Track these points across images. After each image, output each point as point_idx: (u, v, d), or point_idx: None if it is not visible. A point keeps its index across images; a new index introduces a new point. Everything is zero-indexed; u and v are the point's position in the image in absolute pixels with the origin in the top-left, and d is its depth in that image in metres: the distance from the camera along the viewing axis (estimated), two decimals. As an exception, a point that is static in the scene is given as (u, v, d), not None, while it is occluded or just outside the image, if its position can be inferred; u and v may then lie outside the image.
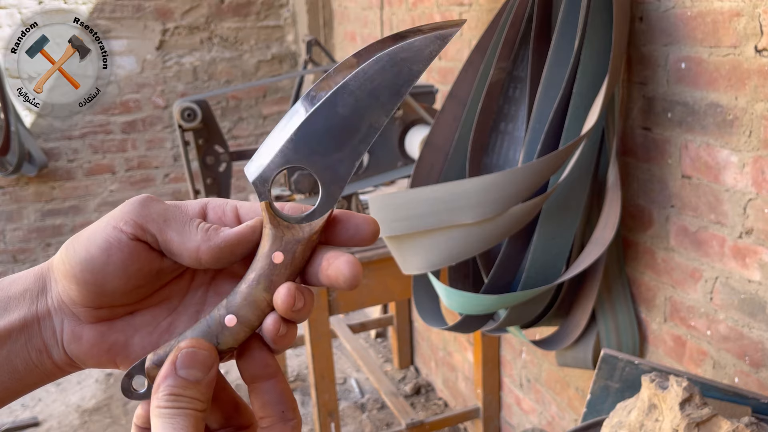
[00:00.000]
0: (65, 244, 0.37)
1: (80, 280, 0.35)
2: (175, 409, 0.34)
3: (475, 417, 2.03)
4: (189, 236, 0.36)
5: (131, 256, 0.35)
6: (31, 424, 2.39)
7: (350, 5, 2.74)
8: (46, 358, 0.37)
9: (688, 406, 0.80)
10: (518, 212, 1.09)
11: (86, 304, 0.36)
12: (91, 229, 0.36)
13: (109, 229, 0.35)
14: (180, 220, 0.36)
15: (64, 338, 0.36)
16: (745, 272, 1.07)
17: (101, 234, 0.35)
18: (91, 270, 0.35)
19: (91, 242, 0.35)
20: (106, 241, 0.35)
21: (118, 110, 3.08)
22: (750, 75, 0.99)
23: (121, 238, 0.35)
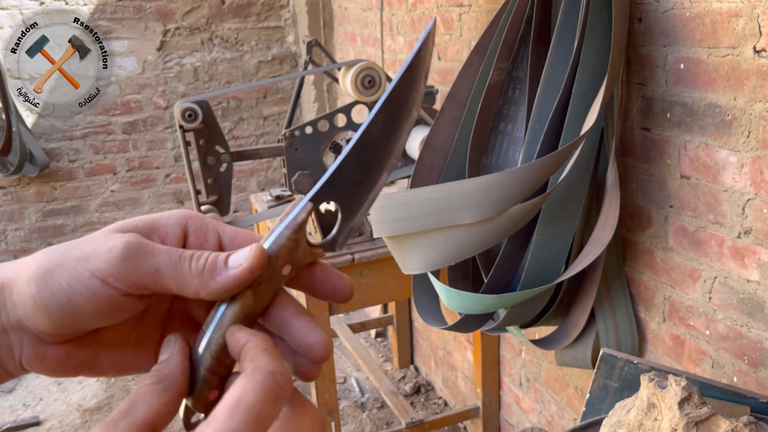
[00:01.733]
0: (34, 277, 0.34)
1: (56, 322, 0.33)
2: None
3: (474, 416, 2.03)
4: (186, 282, 0.34)
5: (119, 308, 0.34)
6: (32, 424, 2.40)
7: (350, 6, 2.74)
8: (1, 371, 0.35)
9: (686, 405, 0.80)
10: (518, 212, 1.10)
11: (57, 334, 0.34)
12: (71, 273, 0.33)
13: (96, 282, 0.33)
14: (171, 265, 0.34)
15: (23, 356, 0.35)
16: (744, 272, 1.07)
17: (86, 285, 0.33)
18: (72, 316, 0.33)
19: (75, 291, 0.33)
20: (94, 295, 0.33)
21: (119, 111, 3.08)
22: (749, 75, 1.00)
23: (112, 294, 0.34)
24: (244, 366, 0.33)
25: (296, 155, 1.60)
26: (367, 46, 2.62)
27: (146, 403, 0.33)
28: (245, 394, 0.31)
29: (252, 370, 0.32)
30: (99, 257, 0.33)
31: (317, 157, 1.61)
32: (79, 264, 0.33)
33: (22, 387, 2.66)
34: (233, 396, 0.31)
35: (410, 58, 0.39)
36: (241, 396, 0.31)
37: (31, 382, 2.70)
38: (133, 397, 0.33)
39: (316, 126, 1.60)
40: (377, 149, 0.39)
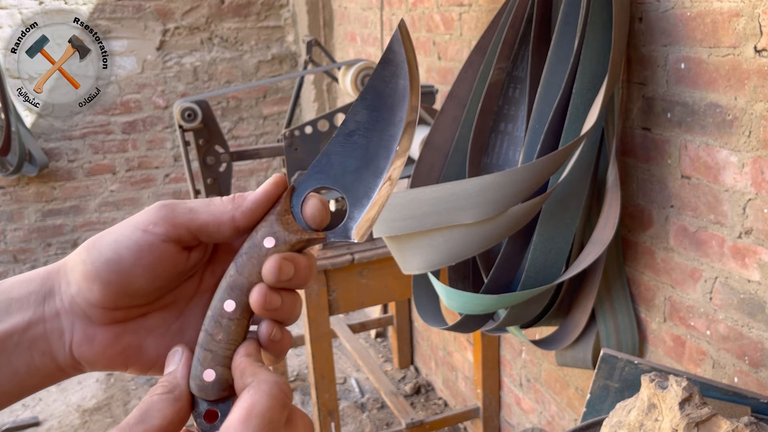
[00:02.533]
0: (84, 247, 0.37)
1: (105, 281, 0.36)
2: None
3: (474, 417, 2.03)
4: (219, 211, 0.37)
5: (161, 257, 0.37)
6: (31, 424, 2.40)
7: (350, 6, 2.74)
8: (49, 360, 0.37)
9: (687, 405, 0.80)
10: (518, 212, 1.09)
11: (105, 304, 0.37)
12: (116, 232, 0.37)
13: (138, 232, 0.36)
14: (204, 204, 0.38)
15: (74, 340, 0.37)
16: (745, 272, 1.07)
17: (130, 237, 0.36)
18: (118, 271, 0.36)
19: (119, 244, 0.36)
20: (137, 244, 0.36)
21: (119, 110, 3.08)
22: (749, 75, 1.00)
23: (152, 240, 0.36)
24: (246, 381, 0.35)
25: (296, 155, 1.59)
26: (367, 46, 2.62)
27: (159, 411, 0.34)
28: (256, 403, 0.33)
29: (258, 381, 0.34)
30: (140, 214, 0.37)
31: (317, 156, 1.61)
32: (123, 225, 0.37)
33: (22, 387, 2.66)
34: (245, 406, 0.33)
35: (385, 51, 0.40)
36: (252, 405, 0.32)
37: (31, 382, 2.70)
38: (145, 405, 0.34)
39: (316, 126, 1.60)
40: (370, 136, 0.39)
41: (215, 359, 0.36)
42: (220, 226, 0.37)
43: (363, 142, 0.39)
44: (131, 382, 2.66)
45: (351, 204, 0.39)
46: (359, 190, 0.39)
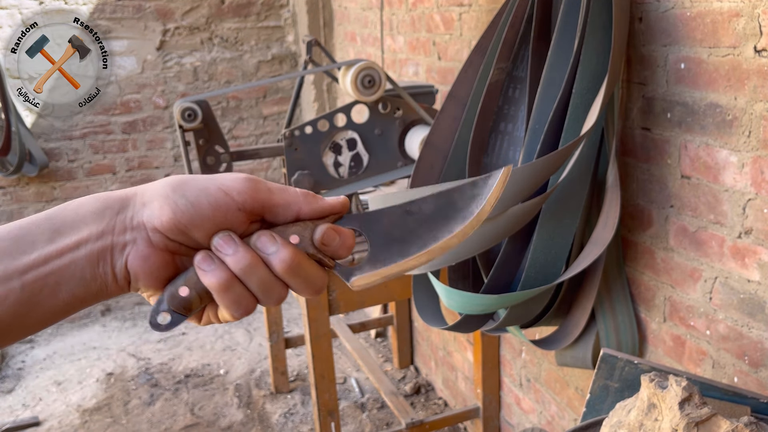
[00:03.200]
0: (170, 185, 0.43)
1: (178, 219, 0.42)
2: None
3: (474, 416, 2.03)
4: (292, 200, 0.44)
5: (229, 219, 0.43)
6: (31, 424, 2.40)
7: (350, 6, 2.74)
8: (109, 269, 0.42)
9: (687, 405, 0.80)
10: (518, 212, 1.10)
11: (168, 232, 0.42)
12: (202, 185, 0.43)
13: (221, 194, 0.42)
14: (281, 189, 0.45)
15: (131, 254, 0.42)
16: (745, 272, 1.07)
17: (214, 194, 0.42)
18: (193, 215, 0.42)
19: (203, 196, 0.42)
20: (217, 202, 0.42)
21: (119, 110, 3.08)
22: (749, 75, 1.00)
23: (230, 204, 0.43)
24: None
25: (296, 155, 1.59)
26: (367, 46, 2.62)
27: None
28: None
29: None
30: (227, 178, 0.43)
31: (317, 156, 1.61)
32: (209, 181, 0.43)
33: (22, 387, 2.66)
34: None
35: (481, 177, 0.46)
36: None
37: (31, 382, 2.69)
38: None
39: (316, 126, 1.60)
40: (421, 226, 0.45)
41: (196, 285, 0.43)
42: (287, 211, 0.44)
43: (412, 226, 0.45)
44: (131, 382, 2.67)
45: (368, 258, 0.45)
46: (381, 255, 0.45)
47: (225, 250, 0.43)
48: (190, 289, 0.43)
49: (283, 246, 0.43)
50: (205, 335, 3.02)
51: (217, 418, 2.41)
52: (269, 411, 2.44)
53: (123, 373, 2.73)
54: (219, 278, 0.43)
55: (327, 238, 0.44)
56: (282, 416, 2.40)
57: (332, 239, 0.44)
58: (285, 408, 2.45)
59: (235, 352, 2.87)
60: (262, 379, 2.64)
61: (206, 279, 0.43)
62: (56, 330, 3.14)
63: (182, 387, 2.61)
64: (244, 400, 2.51)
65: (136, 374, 2.72)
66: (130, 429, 2.37)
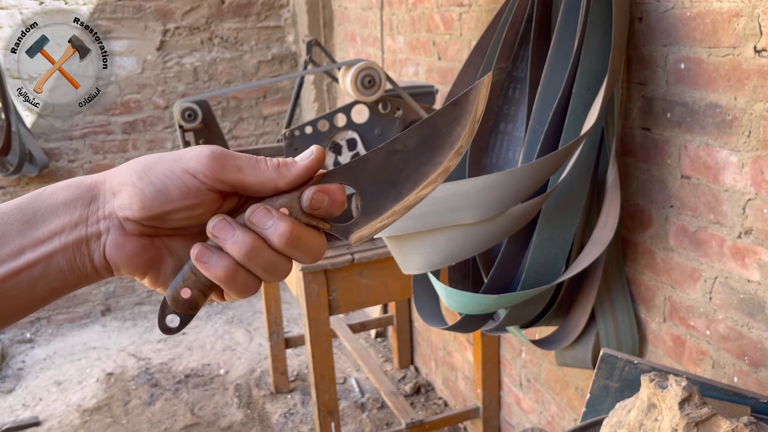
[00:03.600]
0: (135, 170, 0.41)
1: (147, 206, 0.40)
2: None
3: (474, 416, 2.03)
4: (265, 177, 0.42)
5: (202, 201, 0.41)
6: (31, 424, 2.40)
7: (350, 6, 2.74)
8: (87, 260, 0.42)
9: (687, 405, 0.80)
10: (518, 212, 1.10)
11: (140, 221, 0.41)
12: (167, 167, 0.41)
13: (188, 176, 0.40)
14: (251, 166, 0.42)
15: (107, 243, 0.42)
16: (745, 272, 1.07)
17: (180, 177, 0.40)
18: (162, 202, 0.40)
19: (170, 180, 0.40)
20: (185, 185, 0.40)
21: (119, 110, 3.08)
22: (749, 75, 1.00)
23: (199, 186, 0.41)
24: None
25: (296, 155, 1.59)
26: (367, 46, 2.62)
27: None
28: None
29: None
30: (191, 158, 0.41)
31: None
32: (174, 162, 0.41)
33: (22, 387, 2.66)
34: None
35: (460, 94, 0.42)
36: None
37: (31, 382, 2.70)
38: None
39: (316, 126, 1.60)
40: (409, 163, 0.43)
41: (198, 284, 0.42)
42: (262, 189, 0.42)
43: (400, 165, 0.43)
44: (131, 382, 2.67)
45: (362, 211, 0.43)
46: (375, 203, 0.43)
47: (223, 235, 0.41)
48: (191, 289, 0.43)
49: (279, 219, 0.41)
50: (205, 335, 3.02)
51: (217, 418, 2.41)
52: (269, 411, 2.44)
53: (123, 373, 2.73)
54: (224, 268, 0.41)
55: (316, 202, 0.42)
56: (282, 416, 2.40)
57: (321, 201, 0.42)
58: (285, 408, 2.45)
59: (235, 352, 2.87)
60: (262, 379, 2.64)
61: (210, 272, 0.41)
62: (56, 330, 3.14)
63: (182, 387, 2.62)
64: (244, 400, 2.51)
65: (136, 374, 2.72)
66: (130, 429, 2.37)
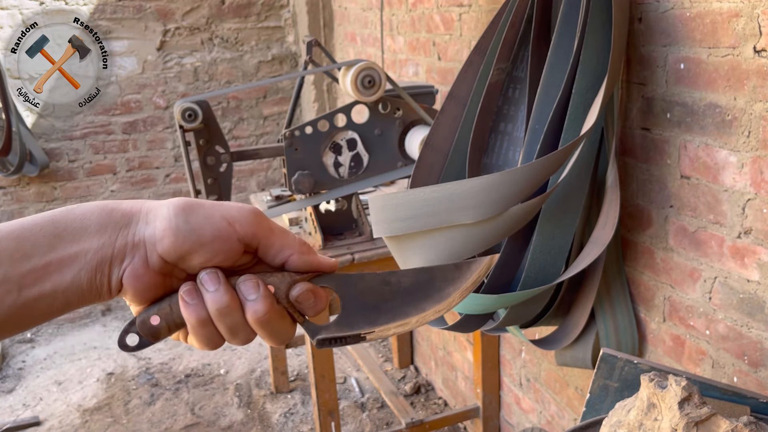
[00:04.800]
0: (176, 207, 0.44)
1: (179, 243, 0.43)
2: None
3: (474, 416, 2.03)
4: (288, 244, 0.45)
5: (228, 248, 0.44)
6: (32, 424, 2.40)
7: (350, 6, 2.74)
8: (106, 281, 0.43)
9: (687, 405, 0.80)
10: (518, 212, 1.10)
11: (166, 255, 0.43)
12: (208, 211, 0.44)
13: (225, 223, 0.44)
14: (282, 232, 0.46)
15: (127, 270, 0.43)
16: (744, 272, 1.07)
17: (217, 223, 0.43)
18: (194, 241, 0.43)
19: (207, 222, 0.43)
20: (219, 230, 0.43)
21: (119, 111, 3.08)
22: (749, 75, 1.00)
23: (231, 234, 0.44)
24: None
25: (296, 155, 1.60)
26: (367, 46, 2.62)
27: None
28: None
29: None
30: (233, 207, 0.45)
31: (317, 157, 1.61)
32: (215, 208, 0.44)
33: (23, 387, 2.66)
34: None
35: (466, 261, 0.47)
36: None
37: (32, 382, 2.70)
38: None
39: (316, 126, 1.60)
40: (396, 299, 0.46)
41: (168, 317, 0.45)
42: (280, 254, 0.46)
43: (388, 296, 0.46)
44: (132, 382, 2.67)
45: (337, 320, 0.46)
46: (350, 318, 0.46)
47: (208, 285, 0.43)
48: (161, 319, 0.45)
49: (263, 297, 0.44)
50: (205, 335, 3.02)
51: (218, 417, 2.41)
52: (269, 411, 2.44)
53: (123, 373, 2.73)
54: (197, 315, 0.43)
55: (303, 297, 0.46)
56: (282, 416, 2.40)
57: (307, 299, 0.46)
58: (285, 408, 2.45)
59: (235, 352, 2.87)
60: (262, 379, 2.64)
61: (186, 311, 0.44)
62: (57, 330, 3.14)
63: (182, 387, 2.62)
64: (245, 399, 2.52)
65: (136, 374, 2.72)
66: (130, 429, 2.37)
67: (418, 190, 1.08)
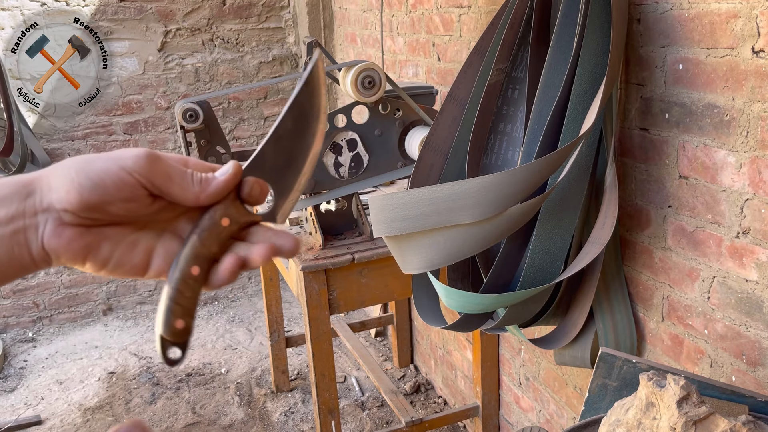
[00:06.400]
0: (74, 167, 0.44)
1: (86, 198, 0.43)
2: None
3: (474, 415, 2.04)
4: (189, 188, 0.46)
5: (135, 196, 0.44)
6: (33, 423, 2.40)
7: (351, 7, 2.74)
8: (25, 252, 0.44)
9: (685, 404, 0.81)
10: (517, 212, 1.10)
11: (77, 212, 0.43)
12: (104, 164, 0.44)
13: (123, 173, 0.43)
14: (180, 175, 0.46)
15: (45, 233, 0.44)
16: (742, 272, 1.07)
17: (116, 173, 0.43)
18: (100, 195, 0.43)
19: (107, 176, 0.43)
20: (121, 180, 0.43)
21: (121, 111, 3.09)
22: (747, 76, 1.00)
23: (133, 182, 0.44)
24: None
25: (297, 155, 1.60)
26: (367, 47, 2.62)
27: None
28: None
29: None
30: (128, 157, 0.44)
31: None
32: (111, 160, 0.44)
33: (24, 386, 2.67)
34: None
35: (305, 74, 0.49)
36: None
37: (33, 381, 2.70)
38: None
39: (317, 126, 1.60)
40: (294, 141, 0.49)
41: (185, 312, 0.45)
42: (184, 198, 0.46)
43: (288, 145, 0.49)
44: (133, 381, 2.67)
45: (276, 195, 0.49)
46: (282, 182, 0.49)
47: None
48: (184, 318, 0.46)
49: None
50: (206, 334, 3.03)
51: (218, 416, 2.42)
52: (270, 409, 2.45)
53: (125, 372, 2.74)
54: None
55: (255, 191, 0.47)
56: (283, 415, 2.41)
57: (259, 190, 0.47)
58: (286, 407, 2.46)
59: (236, 351, 2.88)
60: (262, 378, 2.65)
61: None
62: (58, 329, 3.14)
63: (183, 386, 2.62)
64: (245, 398, 2.52)
65: (137, 373, 2.73)
66: (131, 428, 2.37)
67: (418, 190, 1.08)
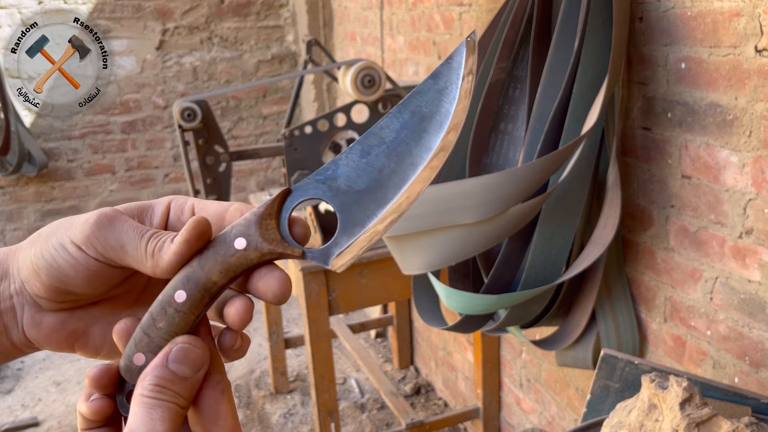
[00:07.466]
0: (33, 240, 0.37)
1: (45, 283, 0.36)
2: (157, 400, 0.34)
3: (475, 417, 2.03)
4: (143, 261, 0.36)
5: (96, 272, 0.37)
6: (31, 424, 2.39)
7: (350, 5, 2.74)
8: (5, 338, 0.38)
9: (688, 406, 0.80)
10: (518, 212, 1.09)
11: (49, 298, 0.37)
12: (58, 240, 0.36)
13: (74, 248, 0.36)
14: (134, 244, 0.36)
15: (24, 322, 0.38)
16: (745, 272, 1.07)
17: (68, 249, 0.36)
18: (57, 277, 0.36)
19: (60, 255, 0.36)
20: (74, 259, 0.36)
21: (118, 110, 3.08)
22: (750, 75, 1.00)
23: (88, 260, 0.36)
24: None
25: (296, 155, 1.59)
26: (367, 46, 2.62)
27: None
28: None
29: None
30: (77, 226, 0.36)
31: (317, 156, 1.61)
32: (64, 232, 0.37)
33: (21, 388, 2.66)
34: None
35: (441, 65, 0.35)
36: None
37: (30, 383, 2.69)
38: None
39: (316, 125, 1.60)
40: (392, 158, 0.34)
41: (150, 345, 0.35)
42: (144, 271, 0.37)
43: (379, 163, 0.35)
44: (131, 382, 2.66)
45: (341, 228, 0.35)
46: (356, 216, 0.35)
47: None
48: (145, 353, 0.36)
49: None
50: (204, 335, 3.02)
51: (217, 418, 2.41)
52: (269, 411, 2.44)
53: (122, 373, 2.73)
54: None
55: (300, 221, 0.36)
56: (282, 417, 2.40)
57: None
58: (285, 408, 2.45)
59: (234, 352, 2.87)
60: (261, 380, 2.64)
61: None
62: (56, 330, 3.14)
63: (182, 387, 2.61)
64: (244, 400, 2.51)
65: (135, 374, 2.72)
66: (129, 429, 2.37)
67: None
